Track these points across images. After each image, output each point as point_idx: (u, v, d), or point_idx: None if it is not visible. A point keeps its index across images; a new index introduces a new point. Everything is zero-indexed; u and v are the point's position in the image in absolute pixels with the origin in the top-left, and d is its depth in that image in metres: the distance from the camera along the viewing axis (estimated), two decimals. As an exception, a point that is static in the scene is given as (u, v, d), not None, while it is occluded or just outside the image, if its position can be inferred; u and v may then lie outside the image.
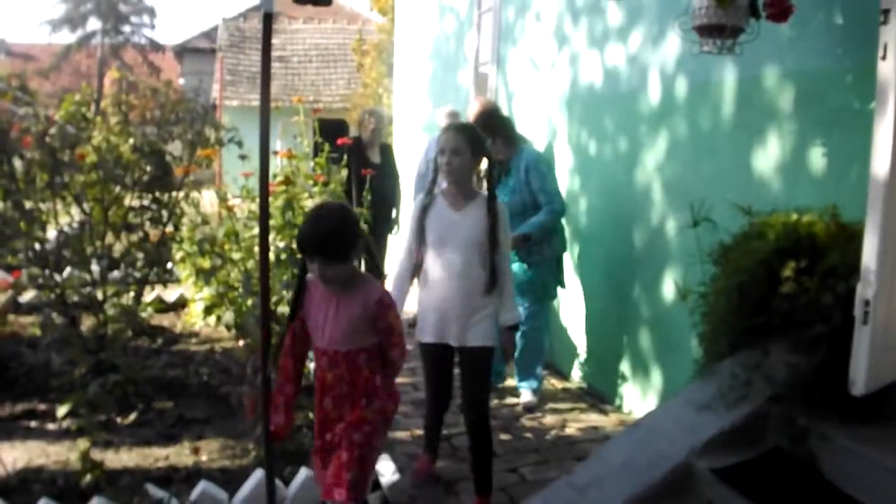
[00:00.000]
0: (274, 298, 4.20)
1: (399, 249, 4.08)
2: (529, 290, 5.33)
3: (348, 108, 18.58)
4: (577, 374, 6.00)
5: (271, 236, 4.30)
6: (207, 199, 6.34)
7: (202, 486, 3.61)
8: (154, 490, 3.54)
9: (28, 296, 6.37)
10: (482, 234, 3.71)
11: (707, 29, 3.55)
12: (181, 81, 19.68)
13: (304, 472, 3.79)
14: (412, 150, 7.21)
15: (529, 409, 5.35)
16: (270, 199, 3.34)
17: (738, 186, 4.13)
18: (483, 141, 3.87)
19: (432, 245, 3.83)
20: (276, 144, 5.51)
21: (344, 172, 5.91)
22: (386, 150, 7.57)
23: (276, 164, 5.04)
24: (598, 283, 5.70)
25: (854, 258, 2.90)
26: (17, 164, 5.04)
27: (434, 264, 3.82)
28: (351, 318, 2.99)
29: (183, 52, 31.87)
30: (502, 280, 3.77)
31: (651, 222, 4.98)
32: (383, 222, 7.16)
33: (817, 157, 3.74)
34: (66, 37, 35.67)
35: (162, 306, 7.29)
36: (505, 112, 7.03)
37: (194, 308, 6.87)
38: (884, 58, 2.71)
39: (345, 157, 6.15)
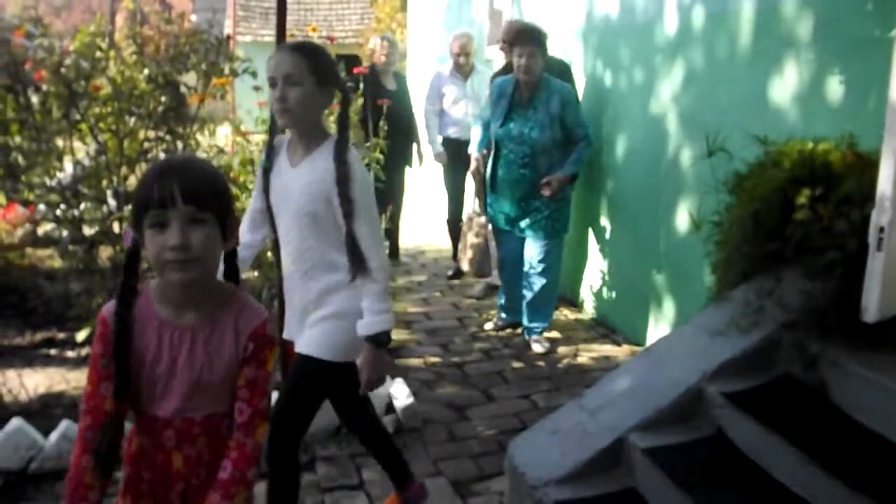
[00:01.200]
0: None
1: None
2: (549, 226, 5.16)
3: (361, 44, 18.40)
4: (589, 305, 6.03)
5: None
6: (222, 134, 6.34)
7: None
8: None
9: (45, 229, 6.43)
10: (320, 196, 2.60)
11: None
12: (193, 17, 19.48)
13: (319, 398, 3.85)
14: (426, 85, 7.08)
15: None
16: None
17: (755, 116, 4.09)
18: (333, 65, 2.72)
19: (274, 215, 2.79)
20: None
21: (360, 102, 5.82)
22: (400, 78, 7.26)
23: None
24: (612, 215, 5.70)
25: (869, 187, 2.89)
26: (33, 98, 5.05)
27: (280, 241, 2.82)
28: (214, 361, 1.85)
29: (195, -13, 31.53)
30: (365, 263, 2.59)
31: (666, 153, 4.96)
32: (400, 155, 6.90)
33: (835, 87, 3.70)
34: (78, -28, 35.30)
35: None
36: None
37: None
38: (905, -19, 2.67)
39: (360, 85, 5.99)
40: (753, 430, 2.85)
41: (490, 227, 5.61)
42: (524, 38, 4.93)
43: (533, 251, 5.19)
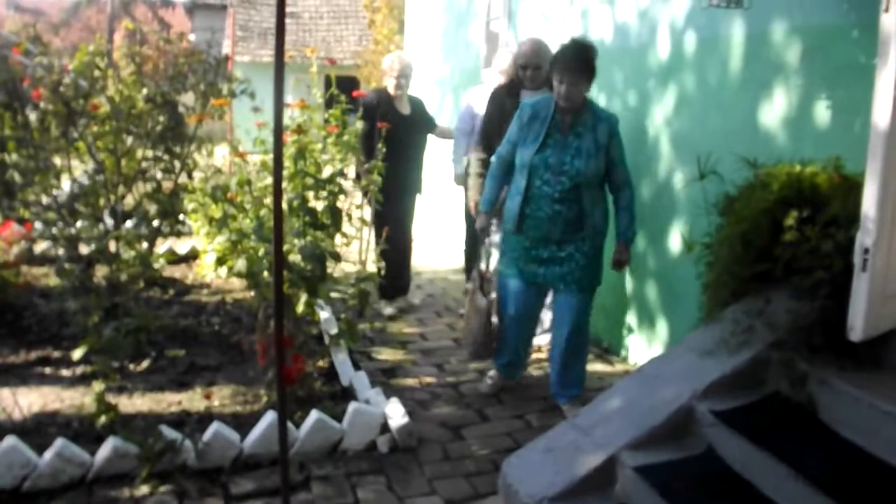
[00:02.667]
0: (286, 247, 4.27)
1: None
2: (585, 278, 4.36)
3: (359, 65, 18.53)
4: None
5: (283, 184, 4.35)
6: (220, 154, 6.39)
7: (215, 426, 3.70)
8: (168, 431, 3.64)
9: (40, 247, 6.47)
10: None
11: (716, -18, 3.58)
12: (192, 37, 19.60)
13: (314, 415, 3.88)
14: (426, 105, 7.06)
15: None
16: (283, 148, 3.36)
17: (745, 140, 4.16)
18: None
19: None
20: (288, 98, 5.54)
21: (359, 124, 5.74)
22: (415, 103, 6.46)
23: (289, 116, 5.07)
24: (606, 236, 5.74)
25: (855, 208, 2.95)
26: (31, 115, 5.09)
27: None
28: None
29: (193, 7, 31.73)
30: None
31: (659, 176, 5.02)
32: (411, 184, 6.37)
33: (822, 111, 3.77)
34: (76, -8, 35.47)
35: (174, 258, 7.36)
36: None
37: (205, 260, 6.95)
38: (886, 10, 2.75)
39: (360, 108, 5.87)
40: (743, 448, 2.90)
41: (498, 279, 4.70)
42: (567, 61, 4.15)
43: (566, 308, 4.37)
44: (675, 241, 4.82)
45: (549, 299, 4.81)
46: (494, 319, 4.62)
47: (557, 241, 4.27)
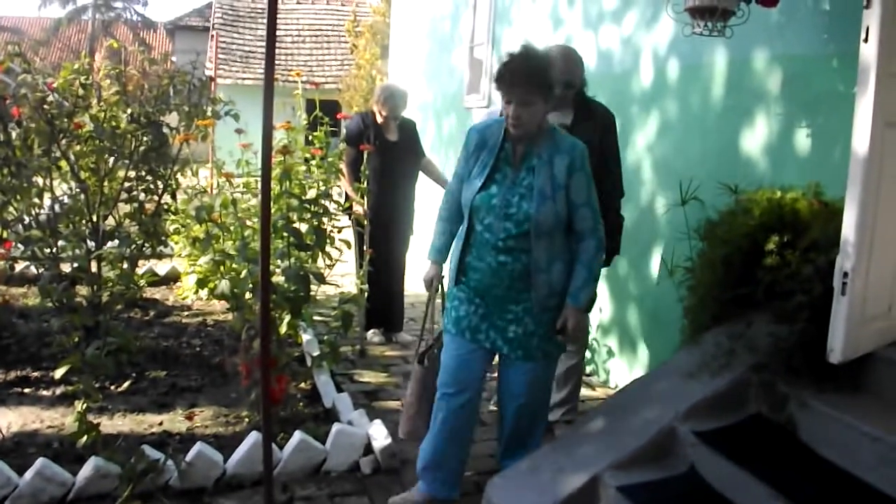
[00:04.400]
0: (270, 268, 4.27)
1: None
2: (541, 345, 3.46)
3: (341, 90, 18.58)
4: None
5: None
6: (203, 176, 6.39)
7: (198, 447, 3.69)
8: (150, 451, 3.62)
9: (19, 267, 6.43)
10: None
11: (699, 10, 3.66)
12: (173, 59, 19.62)
13: (297, 436, 3.88)
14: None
15: None
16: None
17: (727, 166, 4.23)
18: None
19: None
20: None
21: (342, 147, 5.77)
22: (405, 128, 6.15)
23: (274, 138, 5.10)
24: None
25: (835, 233, 3.00)
26: (13, 133, 5.08)
27: None
28: None
29: (175, 29, 31.78)
30: None
31: (640, 201, 5.07)
32: (402, 222, 6.16)
33: (802, 138, 3.84)
34: (56, 11, 35.47)
35: (154, 279, 7.34)
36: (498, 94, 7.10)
37: (186, 281, 6.94)
38: (866, 40, 2.82)
39: (344, 132, 5.88)
40: (725, 468, 2.92)
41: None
42: (514, 76, 3.26)
43: (512, 379, 3.49)
44: (656, 265, 4.87)
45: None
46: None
47: (502, 299, 3.38)
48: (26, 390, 4.72)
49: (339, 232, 5.02)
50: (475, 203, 3.36)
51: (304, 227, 4.69)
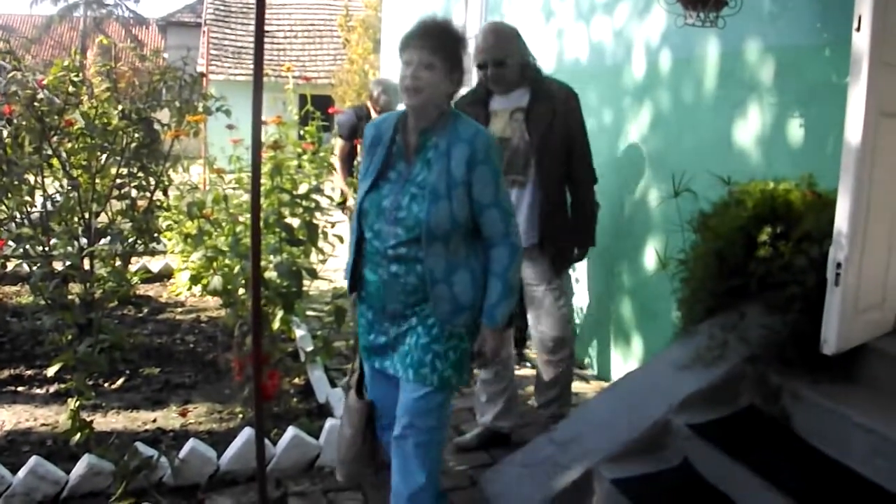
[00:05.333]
0: (262, 263, 4.27)
1: None
2: (436, 366, 2.85)
3: (333, 84, 18.55)
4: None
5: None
6: (195, 172, 6.37)
7: (191, 443, 3.68)
8: (143, 448, 3.61)
9: (12, 265, 6.41)
10: None
11: (691, 1, 3.64)
12: (165, 55, 19.56)
13: (291, 432, 3.87)
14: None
15: None
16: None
17: (719, 158, 4.22)
18: None
19: None
20: (263, 116, 5.56)
21: (333, 142, 5.77)
22: None
23: (264, 133, 5.09)
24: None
25: (828, 224, 3.00)
26: (4, 130, 5.07)
27: None
28: None
29: (167, 25, 31.70)
30: None
31: (634, 194, 5.07)
32: None
33: (796, 129, 3.83)
34: (48, 8, 35.38)
35: (147, 276, 7.32)
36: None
37: (180, 278, 6.92)
38: (858, 29, 2.81)
39: (336, 127, 5.86)
40: (718, 460, 2.93)
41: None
42: (422, 37, 2.81)
43: (402, 403, 2.89)
44: (650, 257, 4.86)
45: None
46: None
47: (402, 316, 2.89)
48: (20, 388, 4.70)
49: (332, 227, 5.01)
50: (364, 207, 2.89)
51: (296, 223, 4.68)
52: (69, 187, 5.20)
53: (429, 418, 2.87)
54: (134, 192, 5.57)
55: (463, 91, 3.76)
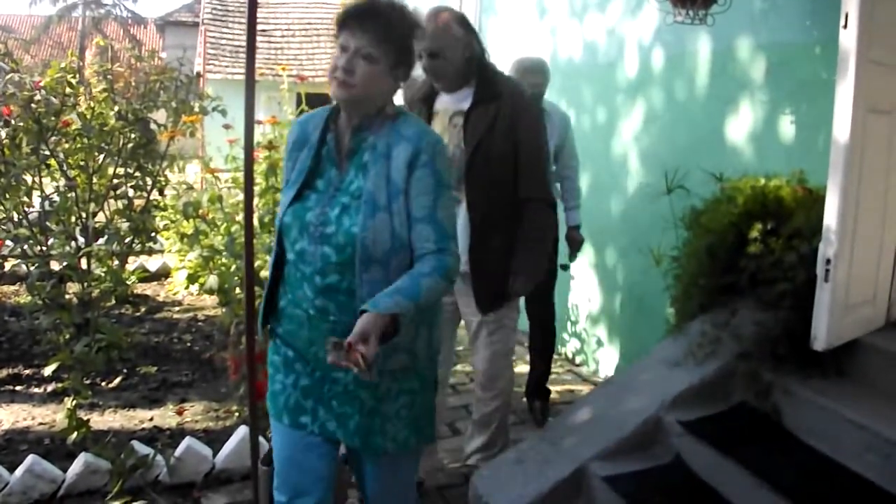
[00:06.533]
0: (257, 263, 4.28)
1: None
2: (381, 430, 2.34)
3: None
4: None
5: (254, 201, 4.37)
6: (191, 172, 6.38)
7: (187, 442, 3.70)
8: (139, 447, 3.63)
9: (10, 265, 6.44)
10: None
11: (680, -1, 3.66)
12: (163, 55, 19.58)
13: (286, 430, 3.88)
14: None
15: None
16: (254, 164, 3.34)
17: (712, 154, 4.23)
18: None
19: None
20: (259, 115, 5.57)
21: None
22: None
23: (260, 132, 5.10)
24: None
25: (818, 220, 3.00)
26: (2, 132, 5.09)
27: None
28: None
29: (165, 25, 31.67)
30: None
31: (627, 191, 5.08)
32: None
33: (787, 126, 3.85)
34: (47, 8, 35.36)
35: (145, 275, 7.34)
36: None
37: (177, 277, 6.94)
38: (845, 26, 2.82)
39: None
40: (710, 457, 2.94)
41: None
42: (364, 20, 2.23)
43: (364, 475, 2.43)
44: (643, 254, 4.87)
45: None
46: None
47: (324, 362, 2.09)
48: (17, 387, 4.72)
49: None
50: (285, 221, 2.32)
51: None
52: (66, 187, 5.21)
53: (393, 491, 2.46)
54: (131, 192, 5.59)
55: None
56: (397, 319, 2.08)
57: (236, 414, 4.35)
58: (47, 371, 4.50)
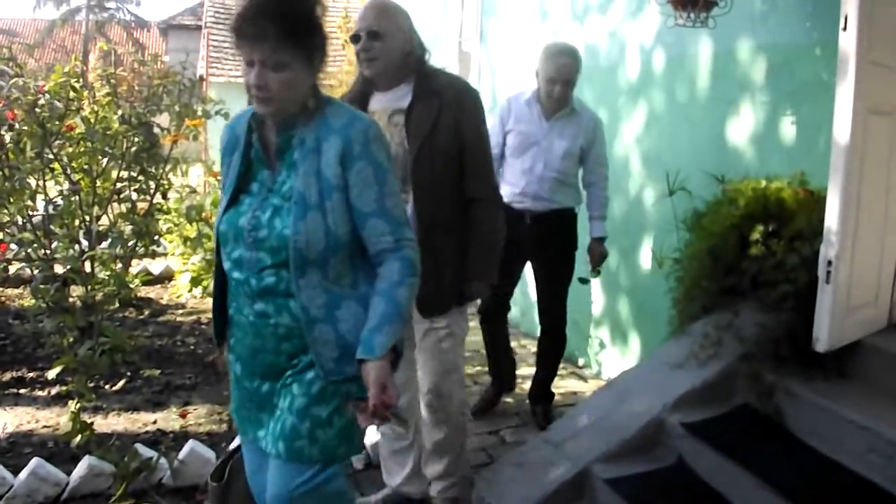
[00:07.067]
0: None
1: None
2: (304, 437, 2.18)
3: (333, 86, 18.55)
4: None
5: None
6: (194, 175, 6.40)
7: (190, 444, 3.70)
8: (143, 450, 3.64)
9: (14, 268, 6.46)
10: None
11: (681, 1, 3.68)
12: (166, 58, 19.61)
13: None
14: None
15: None
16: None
17: (713, 156, 4.24)
18: None
19: None
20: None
21: None
22: None
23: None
24: (578, 253, 5.80)
25: (819, 222, 3.02)
26: (6, 135, 5.11)
27: None
28: None
29: (168, 28, 31.73)
30: None
31: (629, 193, 5.09)
32: None
33: (787, 127, 3.85)
34: (51, 12, 35.45)
35: (148, 278, 7.35)
36: (488, 87, 7.09)
37: (180, 280, 6.95)
38: (845, 28, 2.84)
39: None
40: (713, 459, 2.94)
41: None
42: (263, 23, 2.04)
43: (279, 490, 2.20)
44: (645, 256, 4.88)
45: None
46: None
47: (271, 369, 2.21)
48: (22, 391, 4.72)
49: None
50: (220, 230, 2.24)
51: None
52: (70, 191, 5.23)
53: (302, 498, 2.18)
54: (134, 196, 5.60)
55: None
56: (395, 345, 2.11)
57: (240, 416, 4.36)
58: (51, 374, 4.51)
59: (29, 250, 5.14)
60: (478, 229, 3.14)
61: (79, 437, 3.70)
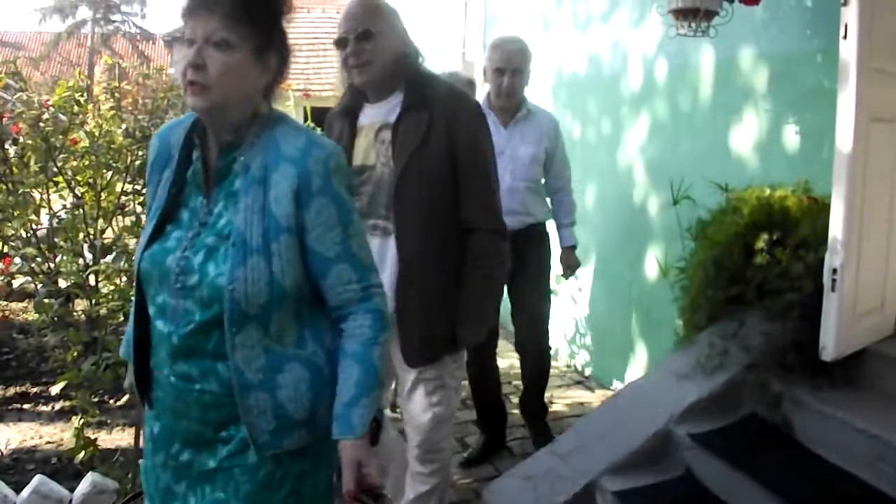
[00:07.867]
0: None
1: None
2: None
3: (338, 97, 18.58)
4: (563, 353, 6.09)
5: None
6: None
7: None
8: (149, 465, 3.62)
9: (18, 282, 6.46)
10: None
11: (682, 12, 3.66)
12: (171, 71, 19.65)
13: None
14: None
15: None
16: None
17: (717, 164, 4.23)
18: None
19: None
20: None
21: None
22: None
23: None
24: (583, 262, 5.80)
25: (824, 230, 3.00)
26: (11, 149, 5.12)
27: None
28: None
29: (173, 41, 31.73)
30: None
31: (633, 202, 5.08)
32: None
33: (791, 135, 3.84)
34: (56, 25, 35.61)
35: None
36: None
37: (186, 293, 6.93)
38: (845, 37, 2.83)
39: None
40: (720, 469, 2.93)
41: None
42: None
43: None
44: (651, 266, 4.87)
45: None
46: None
47: (202, 439, 1.83)
48: (25, 406, 4.73)
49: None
50: (142, 267, 1.84)
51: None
52: (74, 205, 5.23)
53: None
54: (139, 209, 5.59)
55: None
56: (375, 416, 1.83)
57: (244, 430, 4.34)
58: (55, 389, 4.49)
59: (33, 264, 5.13)
60: (473, 264, 2.68)
61: (82, 452, 3.69)
